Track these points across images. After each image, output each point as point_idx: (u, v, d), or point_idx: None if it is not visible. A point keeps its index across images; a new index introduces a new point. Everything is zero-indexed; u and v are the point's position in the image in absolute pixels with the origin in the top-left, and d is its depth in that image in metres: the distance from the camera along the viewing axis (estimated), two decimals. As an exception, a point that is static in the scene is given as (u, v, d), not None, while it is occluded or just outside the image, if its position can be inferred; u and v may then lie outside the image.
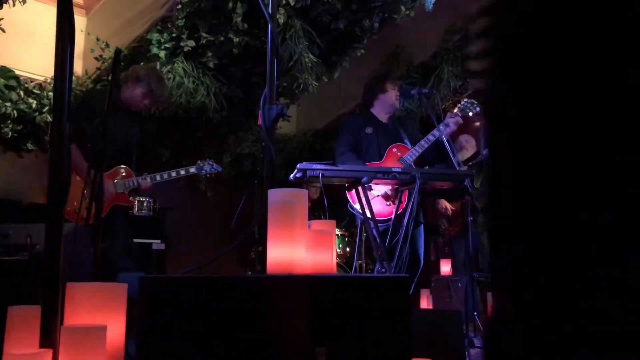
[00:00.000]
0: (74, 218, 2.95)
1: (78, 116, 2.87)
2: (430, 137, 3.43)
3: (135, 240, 3.85)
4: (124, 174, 3.25)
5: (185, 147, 4.48)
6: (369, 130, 3.61)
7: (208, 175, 3.58)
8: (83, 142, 3.04)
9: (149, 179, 3.29)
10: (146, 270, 4.02)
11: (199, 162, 3.55)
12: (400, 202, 3.35)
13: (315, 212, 5.07)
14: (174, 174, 3.40)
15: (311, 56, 3.79)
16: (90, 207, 1.60)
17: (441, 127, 3.37)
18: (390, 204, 3.39)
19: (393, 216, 3.32)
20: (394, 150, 3.54)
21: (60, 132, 1.39)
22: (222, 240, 4.76)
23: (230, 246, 2.03)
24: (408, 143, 3.59)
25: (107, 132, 1.67)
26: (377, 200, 3.37)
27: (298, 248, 1.79)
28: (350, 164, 3.38)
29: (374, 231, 3.00)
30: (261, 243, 4.13)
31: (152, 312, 1.92)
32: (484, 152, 4.15)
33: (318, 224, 2.12)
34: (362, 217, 3.34)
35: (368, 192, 3.17)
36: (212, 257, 2.16)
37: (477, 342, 3.34)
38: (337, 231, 4.28)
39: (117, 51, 1.70)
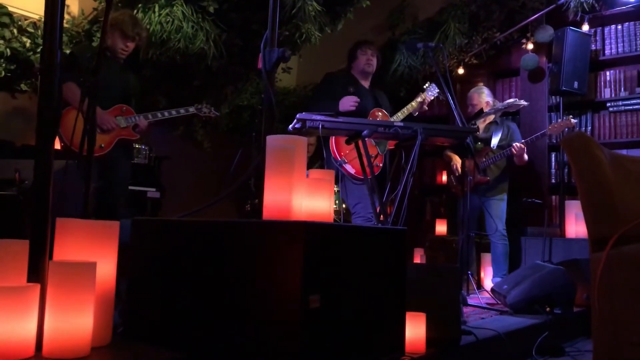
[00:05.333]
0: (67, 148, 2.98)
1: (66, 72, 2.99)
2: (408, 108, 3.78)
3: (130, 187, 3.82)
4: (124, 111, 3.35)
5: (182, 95, 4.38)
6: (351, 89, 3.79)
7: (205, 117, 3.75)
8: (75, 73, 3.10)
9: (150, 116, 3.40)
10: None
11: (196, 104, 3.65)
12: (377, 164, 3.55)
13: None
14: (173, 112, 3.50)
15: (315, 4, 3.67)
16: (82, 143, 1.55)
17: (418, 100, 3.77)
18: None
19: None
20: (378, 114, 3.75)
21: (51, 60, 1.33)
22: (218, 191, 4.73)
23: (226, 191, 1.99)
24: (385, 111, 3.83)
25: (100, 66, 1.60)
26: (357, 160, 3.45)
27: (295, 195, 1.74)
28: (324, 106, 3.56)
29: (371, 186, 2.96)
30: (257, 196, 4.13)
31: (145, 254, 1.89)
32: (489, 110, 4.09)
33: (317, 173, 2.08)
34: (343, 170, 3.48)
35: (348, 157, 3.33)
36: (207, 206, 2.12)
37: (470, 300, 3.35)
38: (335, 187, 4.25)
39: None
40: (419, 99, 3.80)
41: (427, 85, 3.90)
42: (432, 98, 3.88)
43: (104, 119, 3.21)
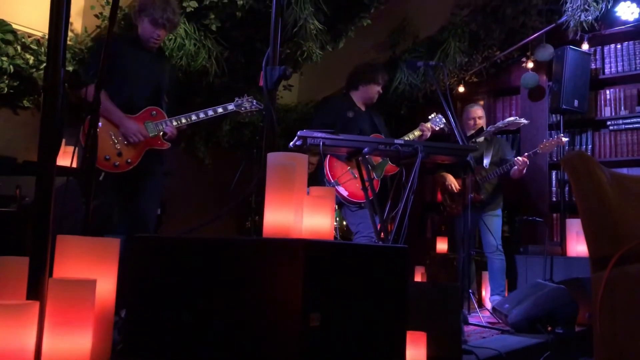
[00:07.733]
0: (104, 166, 2.82)
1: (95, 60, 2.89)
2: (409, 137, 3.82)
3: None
4: (154, 115, 3.07)
5: (184, 112, 4.41)
6: (350, 114, 3.78)
7: (249, 113, 3.34)
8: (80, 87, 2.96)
9: (183, 120, 3.10)
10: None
11: (236, 98, 3.29)
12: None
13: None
14: (210, 112, 3.15)
15: (316, 23, 3.70)
16: (84, 159, 1.55)
17: (416, 132, 3.80)
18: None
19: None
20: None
21: (54, 77, 1.34)
22: (218, 208, 4.73)
23: (226, 208, 1.98)
24: (383, 135, 3.82)
25: (103, 82, 1.60)
26: (352, 182, 3.45)
27: (296, 213, 1.74)
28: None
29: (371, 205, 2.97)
30: (258, 212, 4.13)
31: (144, 271, 1.88)
32: (490, 128, 4.10)
33: (317, 190, 2.08)
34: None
35: (341, 179, 3.36)
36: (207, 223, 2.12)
37: (471, 319, 3.33)
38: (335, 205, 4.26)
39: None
40: (417, 132, 3.81)
41: (432, 116, 3.89)
42: (437, 129, 3.86)
43: (131, 129, 2.91)
